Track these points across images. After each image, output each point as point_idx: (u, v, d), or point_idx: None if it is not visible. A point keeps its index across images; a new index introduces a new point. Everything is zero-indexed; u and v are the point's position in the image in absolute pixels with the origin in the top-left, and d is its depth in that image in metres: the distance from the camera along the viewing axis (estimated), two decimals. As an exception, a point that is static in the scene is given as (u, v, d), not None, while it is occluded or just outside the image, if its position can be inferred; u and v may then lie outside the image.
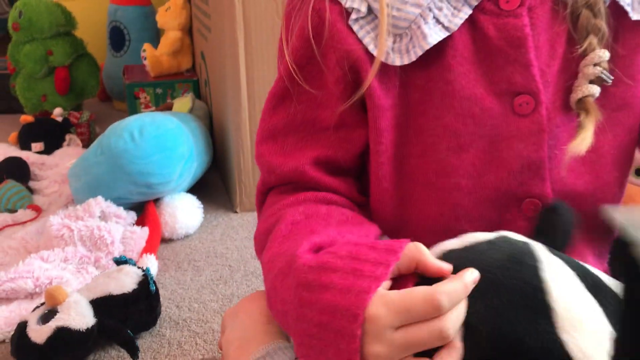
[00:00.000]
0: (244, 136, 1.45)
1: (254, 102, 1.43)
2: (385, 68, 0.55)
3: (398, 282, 0.46)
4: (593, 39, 0.54)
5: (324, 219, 0.54)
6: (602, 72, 0.54)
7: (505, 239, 0.49)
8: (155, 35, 2.24)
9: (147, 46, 1.95)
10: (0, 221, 1.42)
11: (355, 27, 0.54)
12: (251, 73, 1.41)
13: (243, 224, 1.44)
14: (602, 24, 0.54)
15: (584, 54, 0.54)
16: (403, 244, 0.46)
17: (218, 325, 1.04)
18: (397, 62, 0.54)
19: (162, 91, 1.93)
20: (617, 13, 0.55)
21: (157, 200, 1.40)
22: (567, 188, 0.57)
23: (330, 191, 0.58)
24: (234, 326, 0.85)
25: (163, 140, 1.35)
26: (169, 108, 1.74)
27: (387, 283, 0.45)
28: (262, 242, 0.58)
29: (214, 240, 1.37)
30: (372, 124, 0.56)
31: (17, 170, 1.59)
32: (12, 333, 0.96)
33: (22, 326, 0.94)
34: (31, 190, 1.56)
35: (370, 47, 0.54)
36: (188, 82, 1.95)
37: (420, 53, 0.53)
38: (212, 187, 1.63)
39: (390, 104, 0.56)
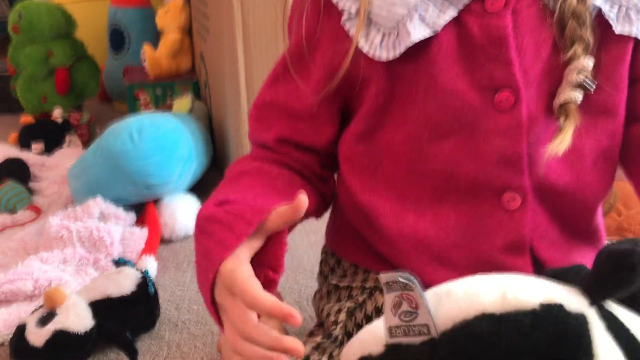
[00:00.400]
0: (243, 137, 1.45)
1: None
2: (373, 63, 0.59)
3: (273, 238, 0.57)
4: (578, 48, 0.56)
5: (270, 179, 0.64)
6: (584, 80, 0.56)
7: (556, 311, 0.38)
8: (155, 37, 2.23)
9: (146, 47, 1.95)
10: (-1, 222, 1.42)
11: (347, 26, 0.59)
12: (250, 74, 1.41)
13: (243, 225, 1.44)
14: (587, 34, 0.56)
15: (569, 61, 0.56)
16: (273, 205, 0.56)
17: (217, 328, 1.04)
18: (384, 57, 0.58)
19: (162, 92, 1.93)
20: (603, 25, 0.57)
21: (156, 201, 1.40)
22: (547, 187, 0.60)
23: (294, 160, 0.67)
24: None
25: (162, 141, 1.34)
26: (168, 109, 1.74)
27: (253, 243, 0.56)
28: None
29: (214, 241, 1.37)
30: (359, 109, 0.62)
31: (17, 171, 1.59)
32: (10, 336, 0.96)
33: (20, 329, 0.94)
34: (31, 191, 1.56)
35: (361, 43, 0.59)
36: (187, 83, 1.94)
37: (403, 49, 0.57)
38: (212, 188, 1.60)
39: (374, 92, 0.61)
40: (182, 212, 1.37)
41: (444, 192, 0.60)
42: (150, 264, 1.19)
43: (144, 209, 1.39)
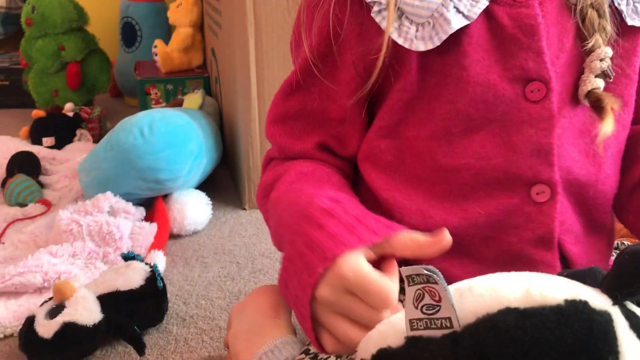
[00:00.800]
0: (253, 134, 1.45)
1: (264, 99, 1.43)
2: (404, 57, 0.58)
3: (383, 260, 0.52)
4: (599, 37, 0.57)
5: (325, 175, 0.62)
6: (607, 67, 0.57)
7: (581, 307, 0.38)
8: (167, 32, 2.24)
9: (158, 42, 1.95)
10: (10, 215, 1.43)
11: (378, 19, 0.58)
12: (261, 71, 1.41)
13: (251, 221, 1.44)
14: (607, 24, 0.57)
15: (591, 50, 0.58)
16: (400, 228, 0.52)
17: (225, 323, 1.04)
18: (422, 47, 0.57)
19: (173, 87, 1.94)
20: (616, 17, 0.59)
21: (166, 196, 1.41)
22: (572, 177, 0.60)
23: (333, 164, 0.66)
24: (240, 319, 0.85)
25: (173, 136, 1.35)
26: (179, 104, 1.74)
27: (369, 253, 0.50)
28: (266, 189, 0.65)
29: (222, 236, 1.37)
30: (383, 104, 0.61)
31: (28, 165, 1.60)
32: (20, 327, 0.97)
33: (30, 320, 0.95)
34: (41, 185, 1.57)
35: (394, 36, 0.57)
36: (199, 78, 1.95)
37: (444, 37, 0.56)
38: (221, 184, 1.63)
39: (401, 87, 0.59)
40: (191, 207, 1.37)
41: (472, 187, 0.60)
42: (159, 259, 1.20)
43: (153, 204, 1.40)
